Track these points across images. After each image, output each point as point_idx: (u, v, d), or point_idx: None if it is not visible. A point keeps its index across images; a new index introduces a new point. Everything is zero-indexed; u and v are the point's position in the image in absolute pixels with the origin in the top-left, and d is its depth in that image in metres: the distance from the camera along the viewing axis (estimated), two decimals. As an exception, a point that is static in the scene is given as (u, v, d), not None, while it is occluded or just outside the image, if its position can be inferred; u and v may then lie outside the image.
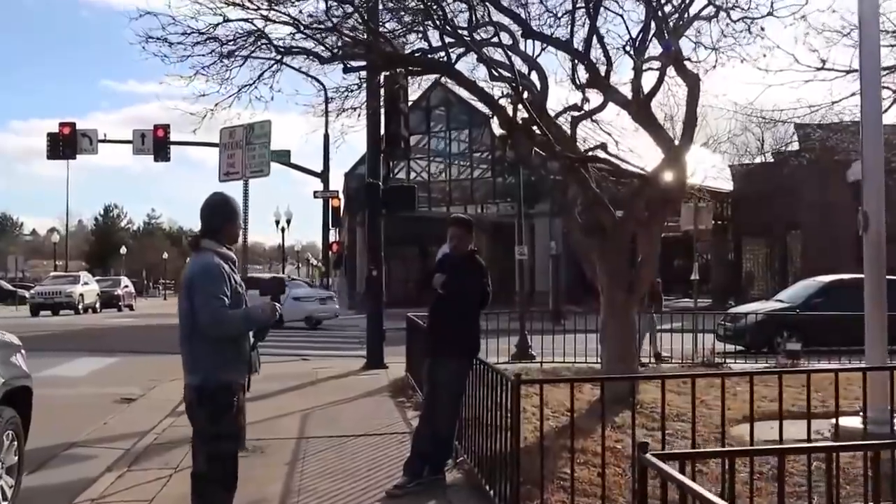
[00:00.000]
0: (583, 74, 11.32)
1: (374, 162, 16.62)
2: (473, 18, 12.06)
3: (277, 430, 10.26)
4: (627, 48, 10.89)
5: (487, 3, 11.33)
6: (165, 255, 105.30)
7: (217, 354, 5.46)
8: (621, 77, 21.14)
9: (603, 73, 10.49)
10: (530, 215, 35.29)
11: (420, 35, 12.83)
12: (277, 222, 56.91)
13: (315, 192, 39.90)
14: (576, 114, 11.98)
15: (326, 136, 43.56)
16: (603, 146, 11.85)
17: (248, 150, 8.98)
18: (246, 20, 10.58)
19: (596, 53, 10.69)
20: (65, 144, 34.61)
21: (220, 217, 5.69)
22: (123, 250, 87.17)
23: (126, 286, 52.43)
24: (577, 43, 10.92)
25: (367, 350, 16.97)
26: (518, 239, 21.76)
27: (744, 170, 48.85)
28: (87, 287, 44.37)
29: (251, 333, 5.67)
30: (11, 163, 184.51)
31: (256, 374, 5.88)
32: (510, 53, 11.41)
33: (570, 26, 10.63)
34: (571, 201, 11.70)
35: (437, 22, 11.29)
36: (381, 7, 12.82)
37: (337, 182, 44.88)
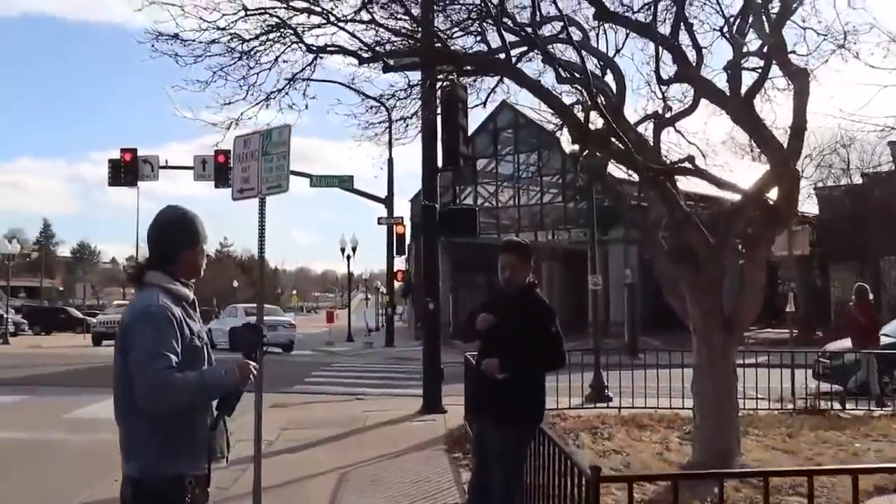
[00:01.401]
0: (665, 70, 9.55)
1: (430, 181, 15.00)
2: (538, 13, 10.38)
3: (306, 496, 8.61)
4: (724, 32, 9.11)
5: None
6: (236, 284, 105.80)
7: (162, 435, 3.82)
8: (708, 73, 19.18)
9: (693, 63, 8.66)
10: (604, 241, 33.52)
11: (477, 36, 11.21)
12: (343, 250, 55.63)
13: (379, 219, 38.61)
14: (659, 120, 10.19)
15: (390, 161, 42.60)
16: (690, 158, 10.01)
17: (264, 162, 7.36)
18: (267, 11, 9.06)
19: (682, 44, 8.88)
20: (126, 171, 33.86)
21: (174, 240, 4.09)
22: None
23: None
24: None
25: (424, 391, 15.28)
26: (591, 267, 19.90)
27: (829, 192, 46.24)
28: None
29: (213, 404, 4.02)
30: (90, 191, 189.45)
31: (222, 463, 4.19)
32: (581, 51, 9.67)
33: (652, 7, 8.86)
34: (655, 223, 9.88)
35: (496, 16, 9.62)
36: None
37: (403, 209, 43.62)
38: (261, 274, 7.89)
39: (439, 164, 14.70)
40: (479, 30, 11.15)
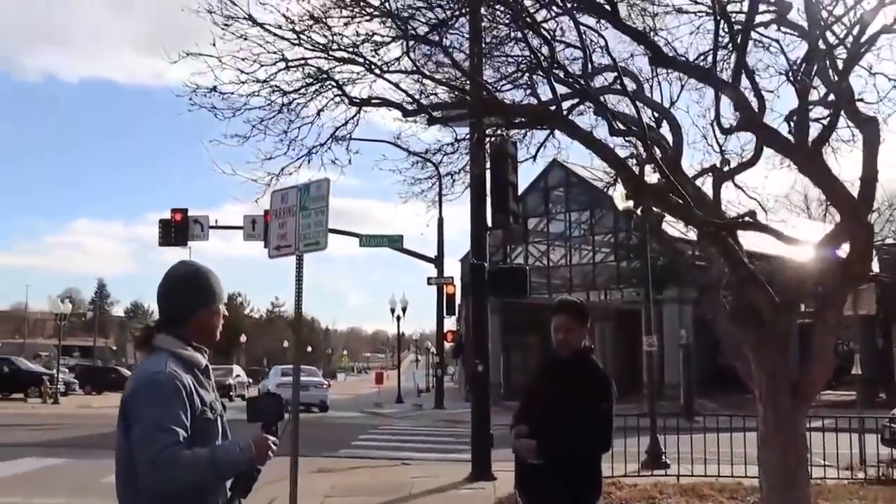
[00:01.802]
0: (726, 120, 9.07)
1: (479, 240, 14.58)
2: (589, 65, 9.98)
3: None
4: (789, 76, 8.62)
5: (606, 36, 9.20)
6: (286, 343, 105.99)
7: None
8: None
9: (757, 110, 8.15)
10: (658, 301, 32.78)
11: (527, 90, 10.85)
12: (392, 310, 55.34)
13: (429, 279, 38.25)
14: (718, 173, 9.68)
15: (440, 220, 42.39)
16: (752, 213, 9.46)
17: (302, 218, 7.02)
18: (307, 61, 8.76)
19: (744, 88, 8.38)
20: (176, 231, 34.03)
21: (185, 299, 3.67)
22: (243, 339, 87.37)
23: (238, 375, 51.57)
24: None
25: (472, 457, 14.70)
26: (646, 328, 19.26)
27: (890, 248, 44.99)
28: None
29: (227, 485, 3.56)
30: (145, 252, 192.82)
31: None
32: (636, 102, 9.23)
33: (712, 52, 8.39)
34: (715, 281, 9.31)
35: (546, 68, 9.25)
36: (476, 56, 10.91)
37: (454, 268, 43.26)
38: (297, 334, 7.54)
39: (488, 222, 14.32)
40: (529, 82, 10.81)
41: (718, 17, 8.18)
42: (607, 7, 8.24)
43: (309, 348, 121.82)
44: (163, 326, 3.64)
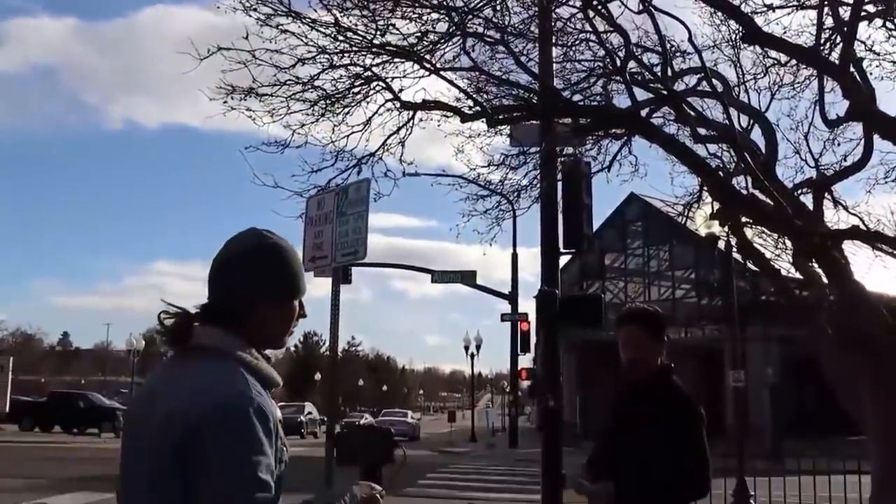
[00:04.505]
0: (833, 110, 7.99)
1: (550, 265, 13.55)
2: (668, 68, 9.01)
3: None
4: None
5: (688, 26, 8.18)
6: (361, 382, 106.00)
7: None
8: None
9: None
10: (742, 339, 31.27)
11: (601, 99, 9.91)
12: (466, 348, 54.40)
13: (503, 315, 37.27)
14: (818, 184, 8.58)
15: (514, 256, 41.55)
16: (855, 227, 8.33)
17: (339, 225, 6.14)
18: (354, 63, 7.92)
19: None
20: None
21: (250, 284, 2.37)
22: (318, 376, 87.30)
23: (310, 413, 51.01)
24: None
25: (542, 498, 13.59)
26: (732, 362, 17.95)
27: None
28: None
29: None
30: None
31: None
32: (726, 104, 8.20)
33: (815, 31, 7.34)
34: (817, 304, 8.17)
35: (621, 68, 8.31)
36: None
37: (529, 307, 42.24)
38: (333, 361, 6.63)
39: (560, 245, 13.33)
40: (603, 89, 9.91)
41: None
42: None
43: (384, 387, 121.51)
44: (213, 316, 2.35)
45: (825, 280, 7.84)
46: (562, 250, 13.63)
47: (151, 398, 2.28)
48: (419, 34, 8.11)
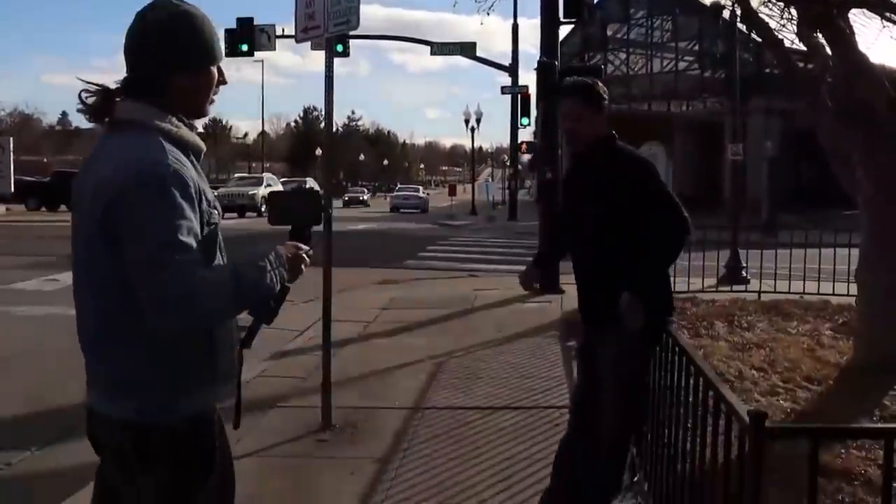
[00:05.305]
0: None
1: (550, 35, 13.28)
2: None
3: (389, 391, 7.46)
4: None
5: None
6: (362, 157, 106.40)
7: (171, 359, 2.40)
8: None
9: None
10: (743, 112, 31.12)
11: None
12: (467, 121, 54.14)
13: (503, 88, 36.76)
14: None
15: (515, 26, 40.62)
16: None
17: (332, -8, 5.96)
18: None
19: None
20: (242, 41, 33.00)
21: (163, 55, 2.43)
22: (318, 152, 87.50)
23: (311, 187, 51.62)
24: None
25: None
26: (731, 135, 17.91)
27: None
28: (271, 189, 43.32)
29: (245, 314, 2.53)
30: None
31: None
32: None
33: None
34: (818, 74, 8.06)
35: None
36: None
37: (530, 79, 41.68)
38: (329, 135, 6.61)
39: (560, 14, 13.01)
40: None
41: None
42: None
43: (385, 162, 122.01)
44: (133, 89, 2.45)
45: (829, 51, 7.68)
46: (562, 20, 13.33)
47: (86, 172, 2.47)
48: None
